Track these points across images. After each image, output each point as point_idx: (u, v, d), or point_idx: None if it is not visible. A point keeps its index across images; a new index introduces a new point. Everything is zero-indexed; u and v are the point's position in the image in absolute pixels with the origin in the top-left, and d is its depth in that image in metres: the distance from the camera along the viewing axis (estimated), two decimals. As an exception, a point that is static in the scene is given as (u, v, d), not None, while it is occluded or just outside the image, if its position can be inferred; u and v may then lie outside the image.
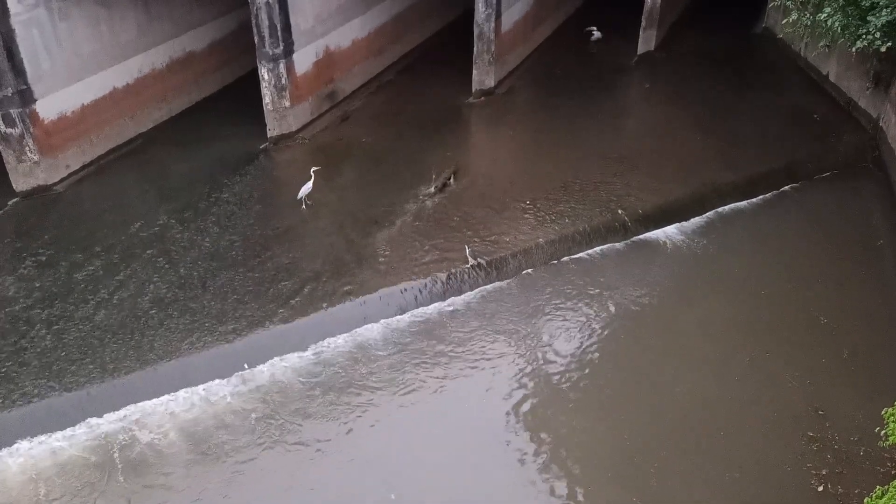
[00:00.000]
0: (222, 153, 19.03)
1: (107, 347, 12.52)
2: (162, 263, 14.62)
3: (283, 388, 12.21)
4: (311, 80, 20.08)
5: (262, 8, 17.76)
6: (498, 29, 21.40)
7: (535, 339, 13.30)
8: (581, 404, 11.96)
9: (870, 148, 18.79)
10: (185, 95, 21.46)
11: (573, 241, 15.51)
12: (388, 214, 16.22)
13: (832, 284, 14.38)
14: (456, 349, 13.10)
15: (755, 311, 13.75)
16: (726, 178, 17.45)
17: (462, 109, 21.59)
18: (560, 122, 20.61)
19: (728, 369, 12.44)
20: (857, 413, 11.38)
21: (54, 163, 17.53)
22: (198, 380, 12.21)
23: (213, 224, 15.95)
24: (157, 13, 19.62)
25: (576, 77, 23.70)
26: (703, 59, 24.47)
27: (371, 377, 12.49)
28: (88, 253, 14.98)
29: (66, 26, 17.02)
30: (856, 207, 16.93)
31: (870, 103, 19.62)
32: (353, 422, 11.70)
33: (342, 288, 13.90)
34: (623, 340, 13.31)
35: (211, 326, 12.96)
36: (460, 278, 14.40)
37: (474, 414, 11.86)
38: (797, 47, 23.93)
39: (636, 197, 16.65)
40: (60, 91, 17.22)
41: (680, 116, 20.71)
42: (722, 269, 15.07)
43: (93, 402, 11.66)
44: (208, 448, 11.23)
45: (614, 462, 10.91)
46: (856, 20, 15.30)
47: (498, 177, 17.90)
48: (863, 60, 19.24)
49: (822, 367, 12.40)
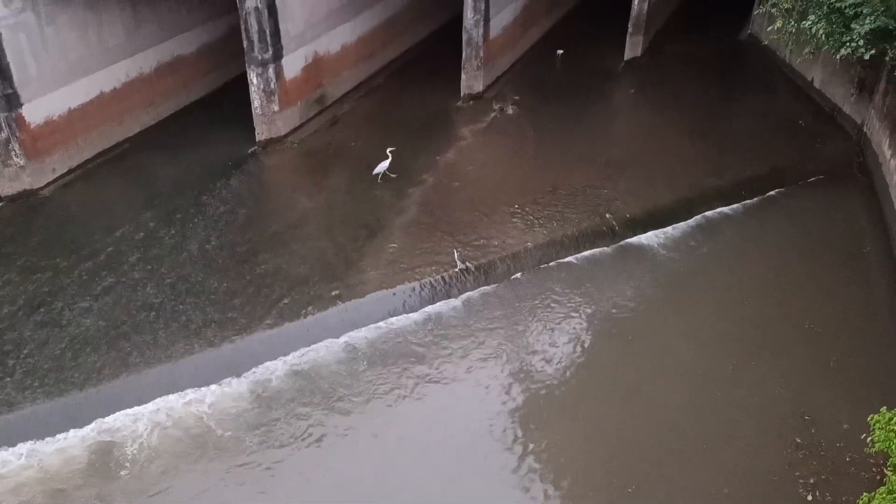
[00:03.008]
0: (210, 157, 18.96)
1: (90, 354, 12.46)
2: (149, 268, 14.55)
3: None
4: (300, 84, 20.06)
5: (252, 13, 17.74)
6: (486, 34, 21.48)
7: (522, 344, 13.31)
8: (565, 414, 11.94)
9: (854, 154, 18.98)
10: (174, 100, 21.37)
11: (561, 245, 15.56)
12: (377, 218, 16.23)
13: (818, 290, 14.48)
14: (439, 356, 13.09)
15: (741, 316, 13.83)
16: (713, 183, 17.58)
17: (451, 114, 21.62)
18: (548, 126, 20.71)
19: (714, 376, 12.48)
20: (843, 419, 11.46)
21: (41, 167, 17.41)
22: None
23: (201, 228, 15.90)
24: (145, 17, 19.53)
25: (563, 82, 23.84)
26: (689, 65, 24.65)
27: (354, 385, 12.48)
28: (75, 258, 14.88)
29: (54, 31, 16.92)
30: (841, 213, 17.07)
31: (854, 109, 19.82)
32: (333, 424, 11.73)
33: (330, 293, 13.88)
34: (609, 348, 13.34)
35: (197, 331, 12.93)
36: (449, 282, 14.42)
37: (455, 423, 11.80)
38: (782, 54, 24.14)
39: (623, 201, 16.74)
40: (47, 95, 17.12)
41: (666, 122, 20.84)
42: (709, 274, 15.16)
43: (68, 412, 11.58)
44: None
45: (599, 472, 10.92)
46: (840, 28, 15.43)
47: (486, 181, 17.95)
48: (847, 67, 19.43)
49: (809, 374, 12.48)
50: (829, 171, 18.50)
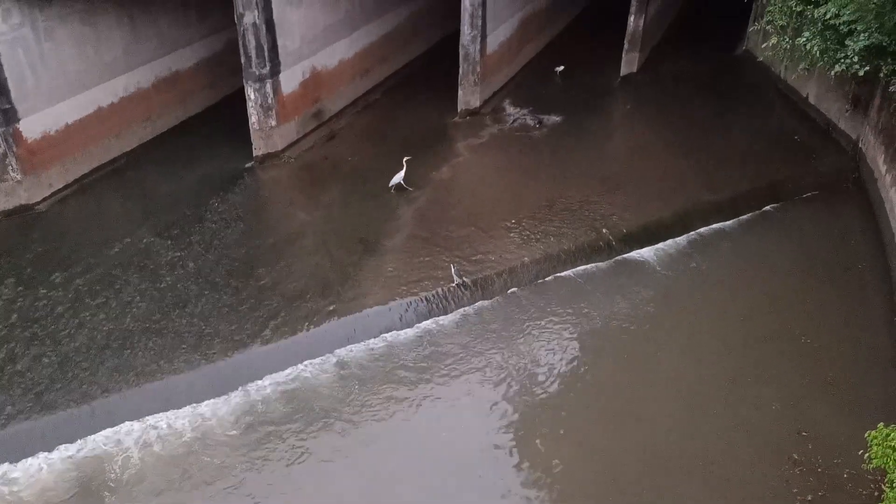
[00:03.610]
0: (207, 172, 19.00)
1: (85, 368, 12.40)
2: (145, 283, 14.53)
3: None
4: (297, 99, 20.13)
5: (249, 29, 17.83)
6: (483, 50, 21.59)
7: (517, 361, 13.25)
8: (562, 432, 11.86)
9: (850, 169, 19.05)
10: (171, 114, 21.43)
11: (558, 260, 15.57)
12: (374, 233, 16.23)
13: (814, 305, 14.47)
14: (435, 370, 13.06)
15: (737, 332, 13.80)
16: (709, 198, 17.62)
17: (447, 129, 21.69)
18: (544, 141, 20.77)
19: (711, 392, 12.44)
20: (840, 435, 11.41)
21: (37, 182, 17.41)
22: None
23: (197, 243, 15.88)
24: (143, 33, 19.62)
25: (559, 98, 23.92)
26: (684, 81, 24.79)
27: (348, 399, 12.44)
28: (70, 273, 14.86)
29: (52, 46, 16.98)
30: (837, 228, 17.09)
31: (849, 125, 19.92)
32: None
33: (326, 308, 13.86)
34: (605, 364, 13.28)
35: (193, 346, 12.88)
36: (446, 297, 14.40)
37: (448, 440, 11.74)
38: (777, 70, 24.29)
39: (619, 216, 16.77)
40: (45, 110, 17.15)
41: (662, 137, 20.91)
42: (704, 289, 15.15)
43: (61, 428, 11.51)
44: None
45: (596, 491, 10.83)
46: (834, 44, 15.52)
47: (484, 196, 17.98)
48: (841, 83, 19.55)
49: (805, 389, 12.44)
50: (824, 186, 18.55)
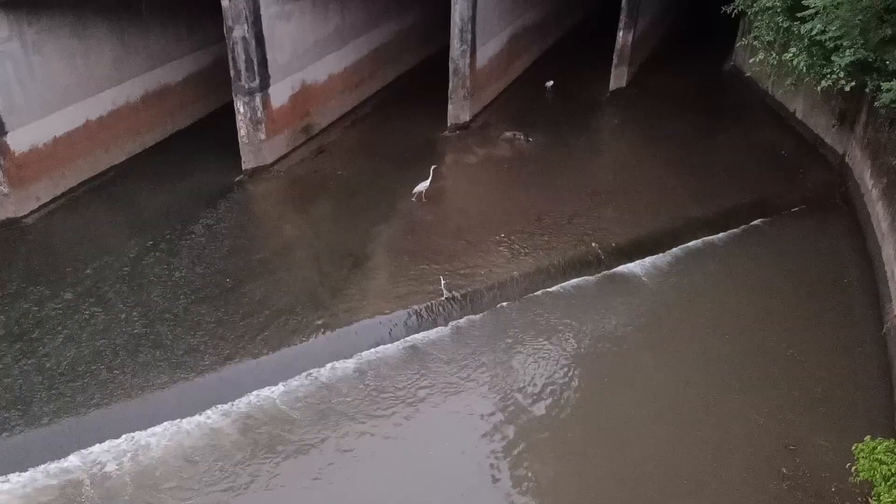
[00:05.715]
0: (196, 186, 18.94)
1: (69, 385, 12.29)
2: (132, 297, 14.44)
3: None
4: (287, 113, 20.14)
5: (239, 42, 17.85)
6: (473, 65, 21.69)
7: (506, 376, 13.20)
8: (549, 449, 11.80)
9: (837, 184, 19.19)
10: (160, 128, 21.39)
11: (547, 274, 15.58)
12: (363, 247, 16.21)
13: (802, 320, 14.50)
14: (423, 385, 13.00)
15: (725, 347, 13.80)
16: (697, 212, 17.71)
17: (437, 143, 21.74)
18: (533, 155, 20.85)
19: (698, 407, 12.42)
20: (828, 449, 11.43)
21: (25, 195, 17.31)
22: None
23: (185, 257, 15.82)
24: (132, 46, 19.61)
25: (549, 112, 24.06)
26: (672, 96, 24.99)
27: (341, 408, 12.38)
28: (57, 287, 14.75)
29: (40, 59, 16.93)
30: (824, 243, 17.19)
31: (836, 140, 20.09)
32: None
33: (315, 322, 13.81)
34: (592, 380, 13.22)
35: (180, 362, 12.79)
36: (435, 311, 14.38)
37: (434, 458, 11.66)
38: (764, 85, 24.51)
39: (609, 231, 16.81)
40: (33, 123, 17.07)
41: (651, 152, 21.03)
42: (692, 303, 15.18)
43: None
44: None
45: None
46: (820, 60, 15.65)
47: (473, 210, 18.00)
48: (828, 99, 19.74)
49: (793, 404, 12.44)
50: (811, 201, 18.68)
